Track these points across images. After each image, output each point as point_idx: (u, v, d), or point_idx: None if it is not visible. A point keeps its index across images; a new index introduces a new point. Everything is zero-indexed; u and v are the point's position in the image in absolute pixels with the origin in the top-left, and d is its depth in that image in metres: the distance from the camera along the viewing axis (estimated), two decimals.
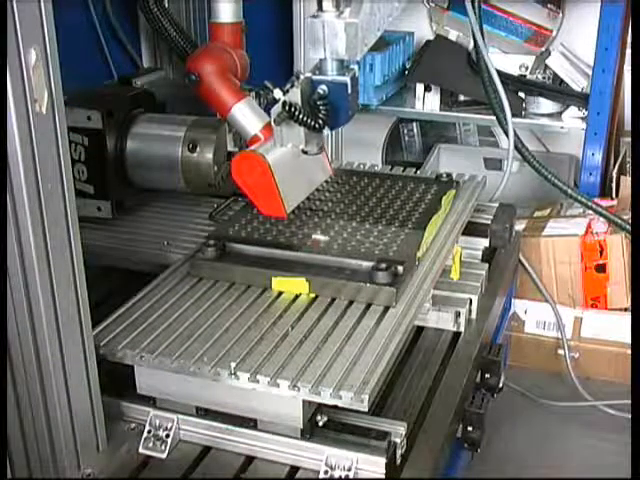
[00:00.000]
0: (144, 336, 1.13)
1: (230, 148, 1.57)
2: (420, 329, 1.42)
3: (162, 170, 1.56)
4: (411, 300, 1.22)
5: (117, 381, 1.13)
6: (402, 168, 1.80)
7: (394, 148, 2.88)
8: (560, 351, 2.07)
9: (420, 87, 2.41)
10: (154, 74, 1.96)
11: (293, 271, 1.25)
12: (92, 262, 1.04)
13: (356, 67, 1.34)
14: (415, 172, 1.78)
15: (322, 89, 1.31)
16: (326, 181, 1.58)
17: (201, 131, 1.54)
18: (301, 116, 1.28)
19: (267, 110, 1.48)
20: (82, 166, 1.53)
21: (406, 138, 2.86)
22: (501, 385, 1.47)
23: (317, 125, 1.30)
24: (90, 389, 1.01)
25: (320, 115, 1.29)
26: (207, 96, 1.50)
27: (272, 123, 1.31)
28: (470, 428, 1.29)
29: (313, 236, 1.37)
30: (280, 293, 1.24)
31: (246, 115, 1.47)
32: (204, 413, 1.11)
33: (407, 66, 2.49)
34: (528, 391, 2.00)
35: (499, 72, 1.99)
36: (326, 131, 1.33)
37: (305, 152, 1.35)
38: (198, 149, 1.53)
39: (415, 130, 2.84)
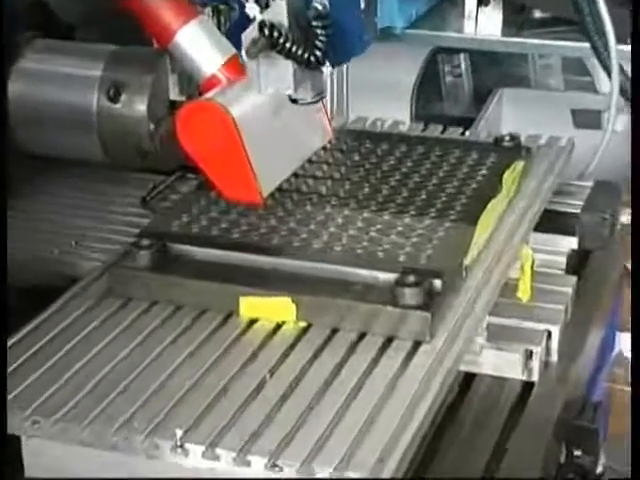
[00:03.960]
0: (39, 389, 1.13)
1: (174, 96, 1.58)
2: (470, 377, 1.44)
3: (67, 128, 1.58)
4: (455, 332, 1.24)
5: None
6: (442, 127, 1.82)
7: (429, 95, 2.89)
8: None
9: None
10: None
11: (272, 286, 1.27)
12: None
13: None
14: (462, 133, 1.80)
15: (320, 2, 1.33)
16: (324, 148, 1.60)
17: (128, 69, 1.56)
18: (288, 44, 1.30)
19: (230, 36, 1.50)
20: None
21: (448, 79, 2.88)
22: (601, 469, 1.48)
23: (313, 58, 1.31)
24: None
25: (317, 43, 1.31)
26: (139, 13, 1.51)
27: (244, 56, 1.32)
28: None
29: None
30: (253, 321, 1.26)
31: (199, 44, 1.48)
32: None
33: None
34: None
35: None
36: (327, 69, 1.34)
37: (294, 101, 1.36)
38: (124, 97, 1.54)
39: (463, 67, 2.86)
